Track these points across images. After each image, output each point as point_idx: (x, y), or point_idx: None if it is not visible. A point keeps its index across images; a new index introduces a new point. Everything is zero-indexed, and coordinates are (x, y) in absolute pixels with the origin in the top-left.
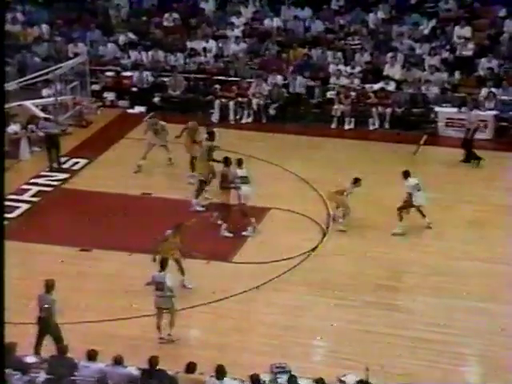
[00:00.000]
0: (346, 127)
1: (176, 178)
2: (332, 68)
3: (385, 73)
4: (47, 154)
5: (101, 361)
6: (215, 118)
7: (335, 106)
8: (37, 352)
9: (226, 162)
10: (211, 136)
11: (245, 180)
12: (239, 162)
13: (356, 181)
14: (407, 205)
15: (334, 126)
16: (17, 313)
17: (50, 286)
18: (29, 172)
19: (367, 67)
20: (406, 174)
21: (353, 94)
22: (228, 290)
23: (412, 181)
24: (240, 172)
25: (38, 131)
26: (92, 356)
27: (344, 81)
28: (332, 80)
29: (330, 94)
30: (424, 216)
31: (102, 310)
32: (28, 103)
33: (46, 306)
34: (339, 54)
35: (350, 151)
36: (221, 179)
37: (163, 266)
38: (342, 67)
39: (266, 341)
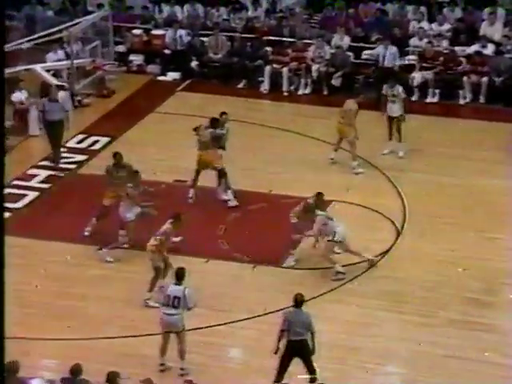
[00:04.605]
0: (429, 100)
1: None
2: (413, 26)
3: (481, 33)
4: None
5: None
6: (265, 87)
7: (415, 74)
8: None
9: None
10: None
11: None
12: None
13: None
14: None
15: (414, 98)
16: (18, 325)
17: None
18: (38, 152)
19: (458, 25)
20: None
21: (439, 59)
22: (277, 301)
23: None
24: None
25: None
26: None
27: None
28: (412, 41)
29: (409, 60)
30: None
31: (124, 323)
32: (38, 67)
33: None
34: (422, 9)
35: (432, 130)
36: None
37: (181, 276)
38: (425, 25)
39: (323, 365)
